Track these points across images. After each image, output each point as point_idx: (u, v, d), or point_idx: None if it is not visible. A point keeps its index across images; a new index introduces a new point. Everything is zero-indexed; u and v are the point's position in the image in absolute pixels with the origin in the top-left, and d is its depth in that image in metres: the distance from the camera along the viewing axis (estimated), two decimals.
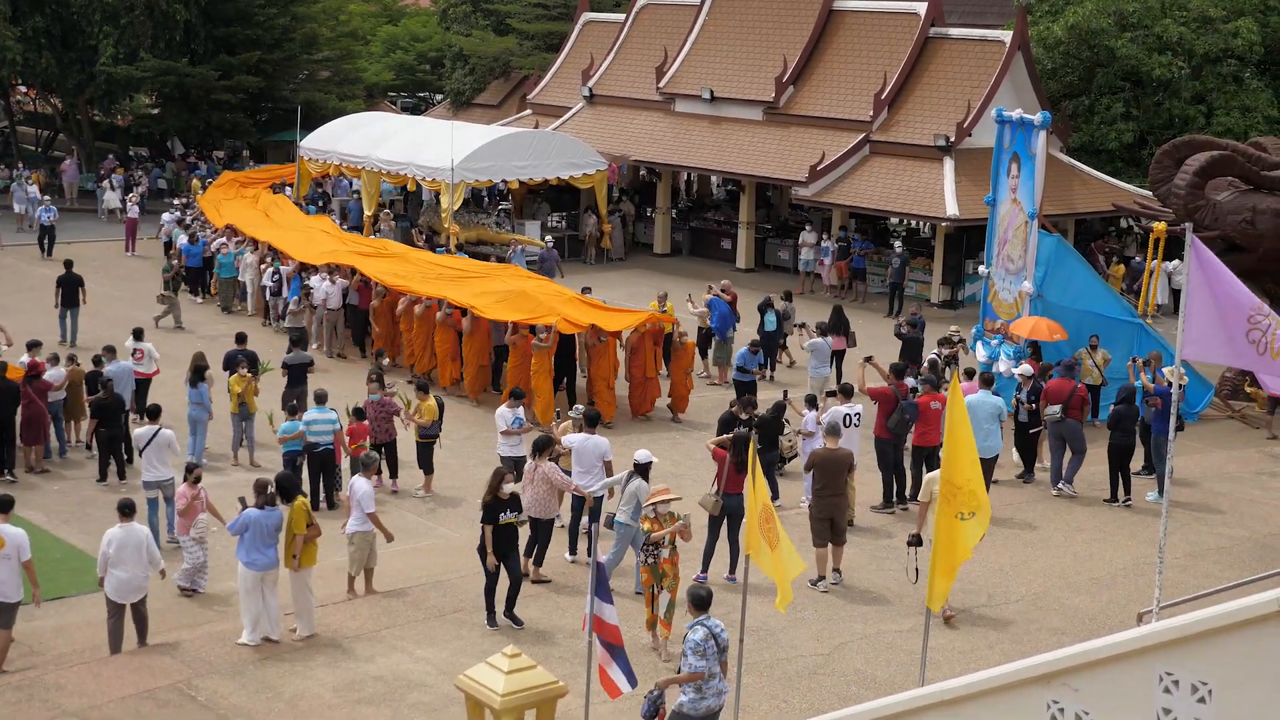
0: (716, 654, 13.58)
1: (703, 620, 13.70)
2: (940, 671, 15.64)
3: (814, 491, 20.15)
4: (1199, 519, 22.63)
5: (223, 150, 64.53)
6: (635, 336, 29.25)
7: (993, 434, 22.90)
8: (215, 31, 60.64)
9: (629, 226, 50.57)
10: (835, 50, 46.52)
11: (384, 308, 32.95)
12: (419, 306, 31.14)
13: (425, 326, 31.11)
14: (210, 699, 16.03)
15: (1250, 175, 29.73)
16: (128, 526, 17.28)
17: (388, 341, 32.62)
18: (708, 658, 13.46)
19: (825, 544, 19.76)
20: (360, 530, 19.10)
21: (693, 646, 13.46)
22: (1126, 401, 24.02)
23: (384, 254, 36.02)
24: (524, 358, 28.58)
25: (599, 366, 28.82)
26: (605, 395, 28.47)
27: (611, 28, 54.95)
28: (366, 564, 19.27)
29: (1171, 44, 44.02)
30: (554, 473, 19.59)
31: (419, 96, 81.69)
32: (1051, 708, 8.67)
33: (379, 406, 24.24)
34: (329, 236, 39.46)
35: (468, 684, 12.35)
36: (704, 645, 13.45)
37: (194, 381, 25.47)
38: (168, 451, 21.69)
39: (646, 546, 17.21)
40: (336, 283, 34.54)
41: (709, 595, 13.97)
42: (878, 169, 43.28)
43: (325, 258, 35.65)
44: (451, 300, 30.60)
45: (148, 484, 21.57)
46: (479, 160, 43.56)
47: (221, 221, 42.15)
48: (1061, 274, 29.07)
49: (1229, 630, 7.80)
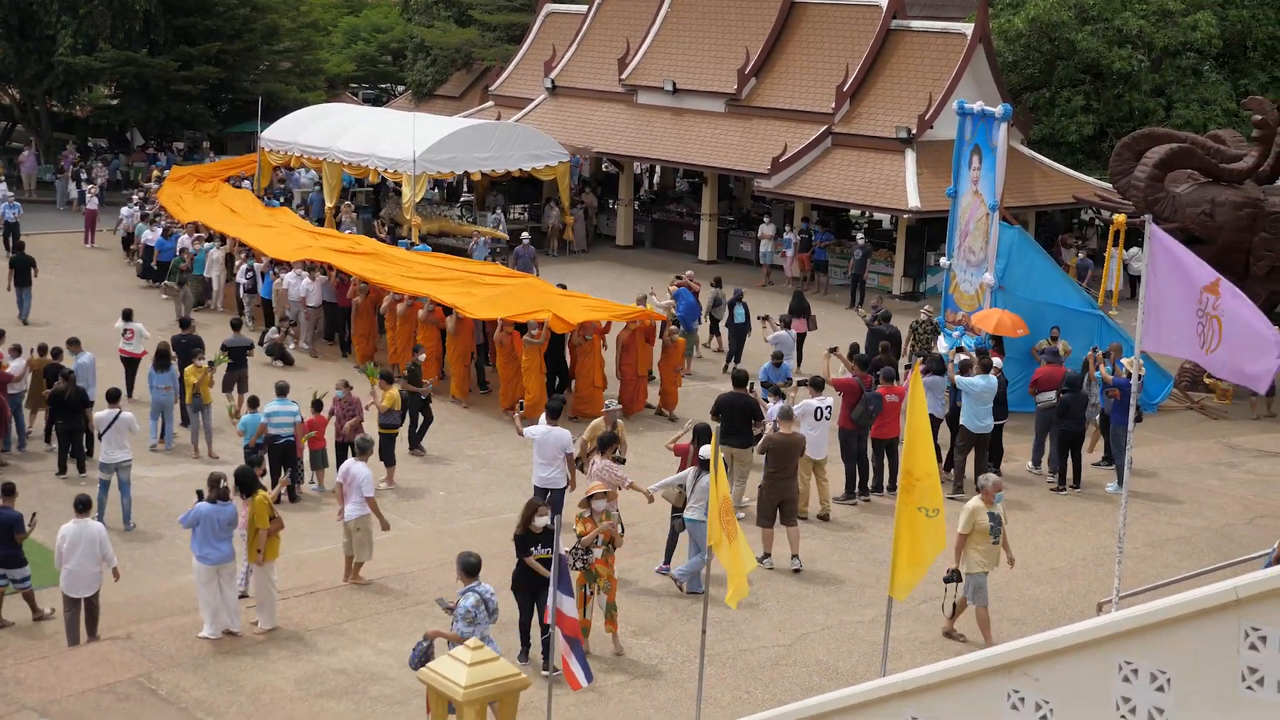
0: (487, 619, 14.32)
1: (474, 587, 14.39)
2: (902, 662, 15.68)
3: (767, 474, 20.44)
4: (1158, 509, 22.77)
5: (183, 141, 64.15)
6: (627, 334, 28.90)
7: (989, 414, 23.40)
8: (175, 22, 60.25)
9: (591, 218, 50.54)
10: (797, 42, 46.58)
11: (366, 305, 32.38)
12: (401, 305, 30.77)
13: (408, 325, 30.65)
14: (171, 692, 15.96)
15: (1209, 168, 29.91)
16: (82, 522, 17.40)
17: (367, 339, 32.26)
18: (478, 624, 14.14)
19: (770, 525, 20.14)
20: (361, 515, 19.03)
21: (463, 613, 14.14)
22: (1073, 389, 24.20)
23: (359, 251, 35.44)
24: (511, 356, 28.28)
25: (585, 365, 28.63)
26: (592, 394, 28.16)
27: (573, 19, 54.89)
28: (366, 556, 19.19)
29: (1131, 37, 44.27)
30: (609, 471, 19.31)
31: (380, 88, 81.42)
32: (1012, 697, 8.71)
33: (344, 405, 24.11)
34: (302, 232, 39.03)
35: (430, 676, 12.31)
36: (474, 611, 14.20)
37: (159, 367, 25.79)
38: (127, 434, 22.09)
39: (575, 550, 16.84)
40: (316, 279, 34.05)
41: (478, 562, 14.62)
42: (839, 161, 43.35)
43: (300, 254, 35.24)
44: (435, 298, 30.17)
45: (104, 465, 21.95)
46: (441, 152, 43.42)
47: (186, 217, 41.60)
48: (1022, 266, 29.16)
49: (1187, 620, 7.86)
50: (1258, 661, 7.60)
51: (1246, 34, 45.49)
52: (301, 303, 34.03)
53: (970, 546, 17.25)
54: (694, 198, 51.29)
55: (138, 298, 37.14)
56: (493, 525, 22.08)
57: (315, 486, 24.12)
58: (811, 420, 21.82)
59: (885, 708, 9.55)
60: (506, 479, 24.67)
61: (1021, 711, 8.69)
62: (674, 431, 24.27)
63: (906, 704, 9.38)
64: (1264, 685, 7.59)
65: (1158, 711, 8.04)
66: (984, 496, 17.45)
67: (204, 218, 41.06)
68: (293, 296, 34.11)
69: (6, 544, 17.97)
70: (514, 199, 49.63)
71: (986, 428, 23.30)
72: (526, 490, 21.03)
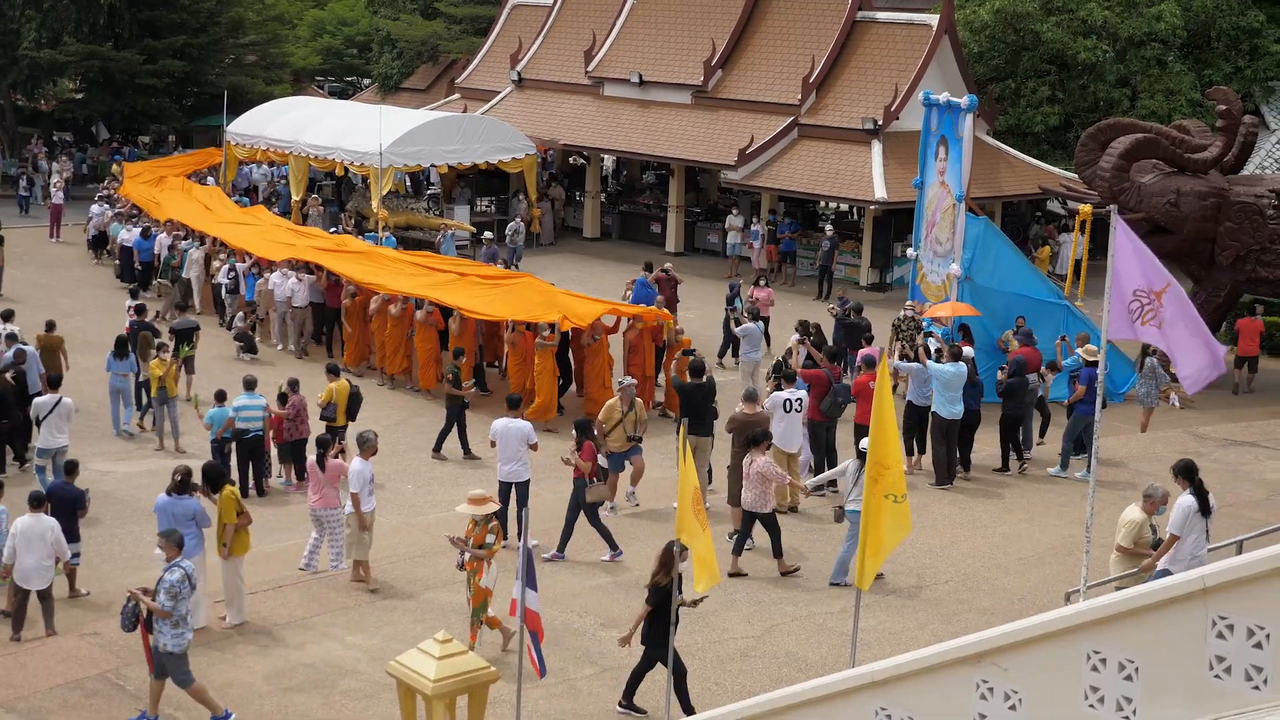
0: (189, 593, 14.69)
1: (179, 562, 14.77)
2: (871, 653, 15.70)
3: (734, 453, 20.70)
4: (1126, 499, 22.77)
5: (148, 135, 63.83)
6: (634, 334, 28.40)
7: (959, 400, 23.35)
8: (140, 15, 59.98)
9: (558, 211, 50.48)
10: (763, 34, 46.60)
11: (356, 307, 31.64)
12: (394, 306, 30.13)
13: (401, 327, 30.15)
14: (139, 688, 15.87)
15: (1174, 158, 30.03)
16: (36, 516, 17.50)
17: (359, 342, 31.70)
18: (180, 599, 14.48)
19: (740, 504, 20.19)
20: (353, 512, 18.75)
21: (167, 587, 14.39)
22: (1017, 374, 24.40)
23: (348, 250, 34.76)
24: (525, 358, 27.80)
25: (593, 365, 28.23)
26: (602, 395, 27.37)
27: (540, 11, 54.77)
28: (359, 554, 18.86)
29: (1096, 27, 44.42)
30: (769, 467, 19.34)
31: (346, 81, 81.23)
32: (981, 687, 8.73)
33: (292, 406, 23.89)
34: (283, 230, 38.39)
35: (399, 670, 12.30)
36: (179, 586, 14.50)
37: (118, 354, 26.32)
38: (66, 421, 22.34)
39: (461, 556, 16.75)
40: (303, 279, 33.25)
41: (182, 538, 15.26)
42: (806, 152, 43.38)
43: (285, 253, 34.52)
44: (436, 299, 29.57)
45: (42, 451, 22.21)
46: (407, 145, 43.31)
47: (163, 215, 40.98)
48: (989, 256, 29.23)
49: (1155, 609, 7.88)
50: (1225, 650, 7.63)
51: (1210, 24, 45.67)
52: (287, 303, 33.30)
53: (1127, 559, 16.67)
54: (661, 190, 51.29)
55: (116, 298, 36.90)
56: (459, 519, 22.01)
57: (283, 481, 24.04)
58: (781, 412, 21.82)
59: (854, 699, 9.57)
60: (473, 472, 24.65)
61: (990, 701, 8.70)
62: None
63: (875, 695, 9.39)
64: (1231, 674, 7.62)
65: (1126, 701, 8.06)
66: (1148, 506, 16.78)
67: (181, 216, 40.42)
68: (279, 296, 33.38)
69: (68, 519, 18.56)
70: (481, 191, 49.52)
71: (958, 414, 23.37)
72: (493, 484, 20.98)
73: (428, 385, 29.65)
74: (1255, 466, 24.96)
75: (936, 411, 23.43)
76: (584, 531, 20.77)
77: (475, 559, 16.57)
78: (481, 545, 16.61)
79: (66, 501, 18.83)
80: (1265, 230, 29.44)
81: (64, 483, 19.27)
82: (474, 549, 16.59)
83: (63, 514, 18.45)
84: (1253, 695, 7.55)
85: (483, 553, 16.53)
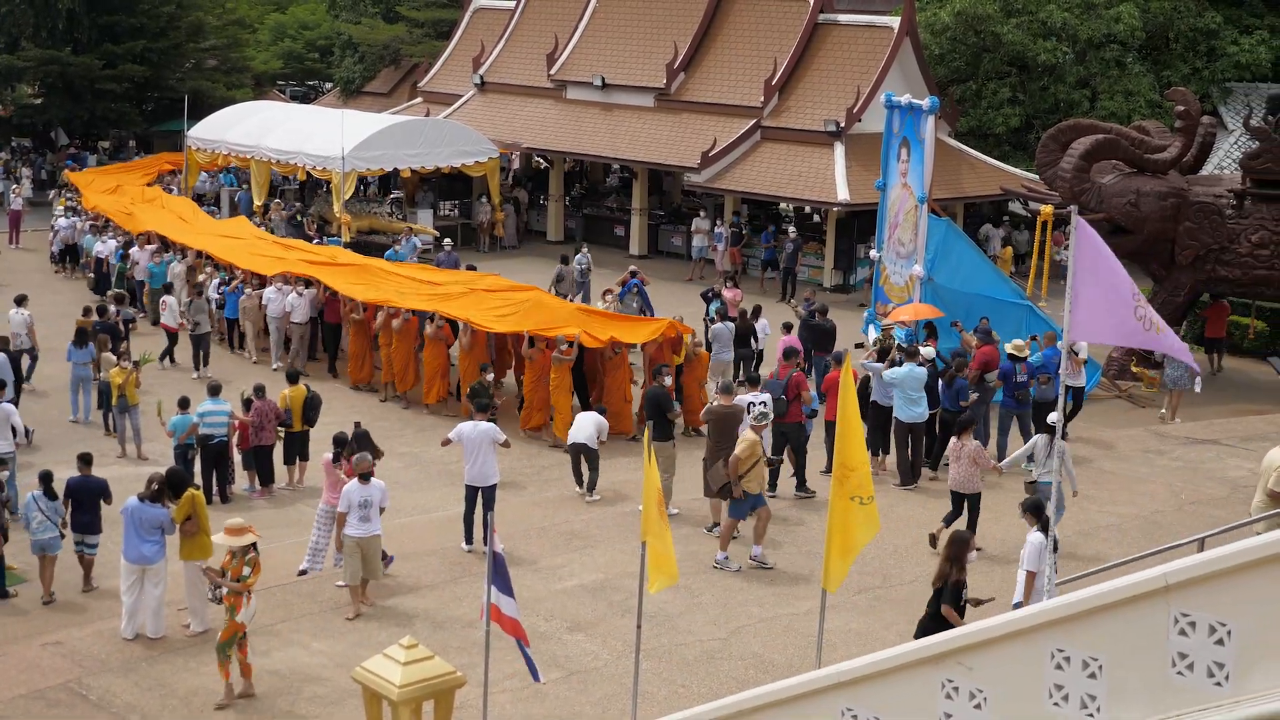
0: None
1: None
2: (837, 653, 15.73)
3: (709, 447, 20.94)
4: (1089, 497, 22.93)
5: (108, 141, 63.52)
6: (653, 347, 27.64)
7: (920, 401, 23.39)
8: (99, 20, 59.69)
9: (522, 214, 50.45)
10: (726, 37, 46.68)
11: (360, 323, 30.54)
12: (397, 320, 29.27)
13: (406, 341, 29.44)
14: (102, 697, 15.79)
15: (1134, 158, 30.20)
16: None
17: (362, 359, 30.65)
18: None
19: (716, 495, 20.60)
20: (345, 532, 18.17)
21: None
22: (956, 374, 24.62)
23: (341, 263, 33.68)
24: (542, 373, 26.90)
25: (615, 379, 27.46)
26: (623, 409, 27.09)
27: (502, 15, 54.76)
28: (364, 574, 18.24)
29: (1056, 29, 44.63)
30: (979, 452, 20.16)
31: (308, 85, 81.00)
32: (946, 686, 8.76)
33: (258, 412, 23.79)
34: (268, 243, 37.00)
35: (365, 676, 12.27)
36: None
37: (79, 343, 27.05)
38: (4, 426, 22.14)
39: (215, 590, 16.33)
40: (304, 294, 31.70)
41: None
42: (769, 155, 43.47)
43: (277, 267, 33.31)
44: (445, 313, 28.68)
45: None
46: (370, 149, 43.25)
47: (137, 227, 39.75)
48: (951, 257, 29.34)
49: (1118, 607, 7.93)
50: (1188, 647, 7.67)
51: (1168, 26, 45.94)
52: (285, 319, 31.97)
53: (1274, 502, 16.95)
54: (624, 193, 51.31)
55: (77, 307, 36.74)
56: (427, 523, 22.05)
57: (247, 488, 23.95)
58: (733, 386, 21.92)
59: (820, 699, 9.59)
60: (438, 476, 24.62)
61: (956, 700, 8.74)
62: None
63: (841, 695, 9.42)
64: (1194, 670, 7.67)
65: (1090, 698, 8.11)
66: None
67: (159, 228, 39.07)
68: (274, 313, 32.03)
69: (91, 511, 19.22)
70: (444, 195, 49.47)
71: (918, 416, 23.39)
72: (459, 488, 20.98)
73: (431, 400, 28.65)
74: (1216, 464, 25.11)
75: (896, 415, 23.50)
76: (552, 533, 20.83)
77: (233, 593, 15.84)
78: (239, 578, 15.85)
79: (91, 492, 19.28)
80: (1224, 230, 29.64)
81: (85, 475, 19.51)
82: (231, 582, 15.86)
83: (87, 507, 19.03)
84: (1214, 691, 7.60)
85: (239, 585, 15.79)
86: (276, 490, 23.98)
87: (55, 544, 19.06)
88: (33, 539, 19.00)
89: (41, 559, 19.11)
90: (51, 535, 18.98)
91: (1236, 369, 33.16)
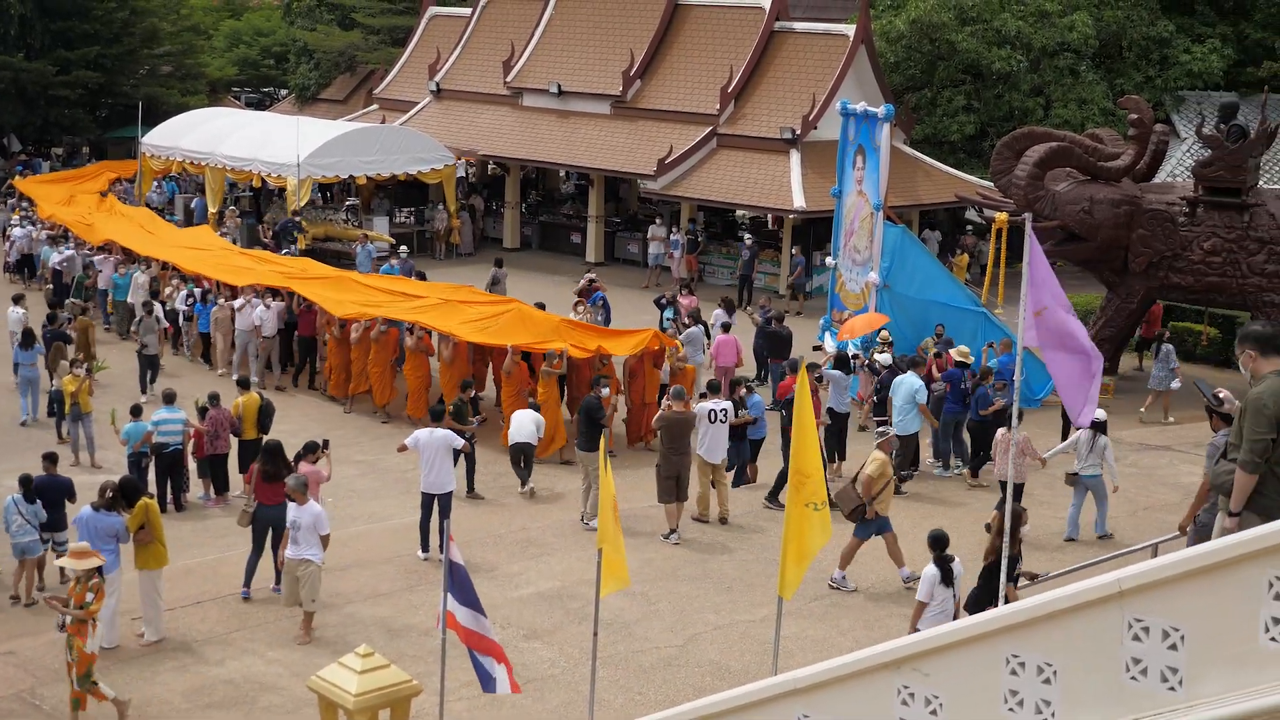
0: None
1: None
2: (793, 660, 15.76)
3: (662, 452, 21.30)
4: (1045, 504, 23.04)
5: (61, 148, 63.13)
6: (634, 360, 27.01)
7: (909, 413, 23.55)
8: (52, 25, 59.35)
9: (478, 221, 50.37)
10: (681, 44, 46.74)
11: (344, 336, 29.39)
12: (374, 331, 28.58)
13: (383, 354, 28.74)
14: (55, 707, 15.68)
15: (1087, 166, 30.34)
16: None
17: (342, 372, 29.73)
18: None
19: (672, 500, 21.17)
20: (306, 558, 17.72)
21: None
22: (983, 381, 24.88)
23: (310, 275, 32.87)
24: (520, 387, 26.38)
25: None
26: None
27: (458, 22, 54.69)
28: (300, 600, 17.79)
29: (1010, 38, 44.87)
30: (1027, 444, 20.82)
31: (263, 92, 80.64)
32: (902, 693, 8.78)
33: (213, 421, 23.61)
34: (235, 254, 36.33)
35: (320, 685, 12.20)
36: None
37: (25, 345, 27.36)
38: None
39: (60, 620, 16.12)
40: (271, 306, 30.98)
41: None
42: (725, 162, 43.54)
43: (247, 278, 32.38)
44: (426, 325, 28.22)
45: None
46: (326, 156, 43.13)
47: (97, 238, 39.04)
48: (907, 264, 29.46)
49: (1072, 612, 7.96)
50: (1141, 652, 7.71)
51: (1121, 34, 46.27)
52: (254, 331, 31.06)
53: None
54: (580, 200, 51.27)
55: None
56: (383, 531, 21.96)
57: (202, 496, 23.82)
58: (706, 423, 21.83)
59: (776, 706, 9.60)
60: (394, 484, 24.53)
61: (912, 707, 8.76)
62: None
63: (797, 702, 9.43)
64: (1148, 675, 7.71)
65: (1044, 704, 8.14)
66: None
67: (121, 239, 38.24)
68: (242, 325, 31.07)
69: (58, 509, 19.35)
70: (400, 202, 49.33)
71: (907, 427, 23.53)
72: (415, 496, 20.92)
73: (417, 414, 27.61)
74: (1169, 470, 25.29)
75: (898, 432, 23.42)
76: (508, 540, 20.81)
77: (77, 621, 15.24)
78: (81, 605, 15.23)
79: (58, 490, 19.45)
80: (1177, 237, 29.82)
81: (51, 474, 19.57)
82: (74, 610, 15.23)
83: (53, 504, 19.15)
84: (1168, 696, 7.64)
85: (82, 613, 15.18)
86: (231, 499, 23.86)
87: (35, 547, 18.93)
88: (13, 542, 18.86)
89: (21, 562, 18.99)
90: (31, 539, 18.85)
91: (1188, 375, 33.29)
